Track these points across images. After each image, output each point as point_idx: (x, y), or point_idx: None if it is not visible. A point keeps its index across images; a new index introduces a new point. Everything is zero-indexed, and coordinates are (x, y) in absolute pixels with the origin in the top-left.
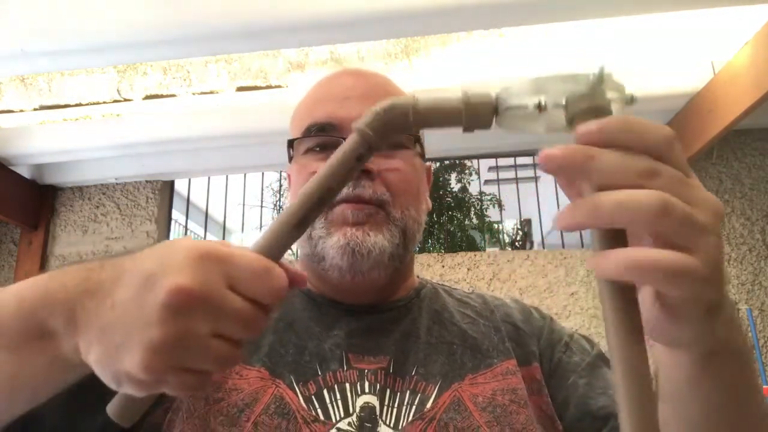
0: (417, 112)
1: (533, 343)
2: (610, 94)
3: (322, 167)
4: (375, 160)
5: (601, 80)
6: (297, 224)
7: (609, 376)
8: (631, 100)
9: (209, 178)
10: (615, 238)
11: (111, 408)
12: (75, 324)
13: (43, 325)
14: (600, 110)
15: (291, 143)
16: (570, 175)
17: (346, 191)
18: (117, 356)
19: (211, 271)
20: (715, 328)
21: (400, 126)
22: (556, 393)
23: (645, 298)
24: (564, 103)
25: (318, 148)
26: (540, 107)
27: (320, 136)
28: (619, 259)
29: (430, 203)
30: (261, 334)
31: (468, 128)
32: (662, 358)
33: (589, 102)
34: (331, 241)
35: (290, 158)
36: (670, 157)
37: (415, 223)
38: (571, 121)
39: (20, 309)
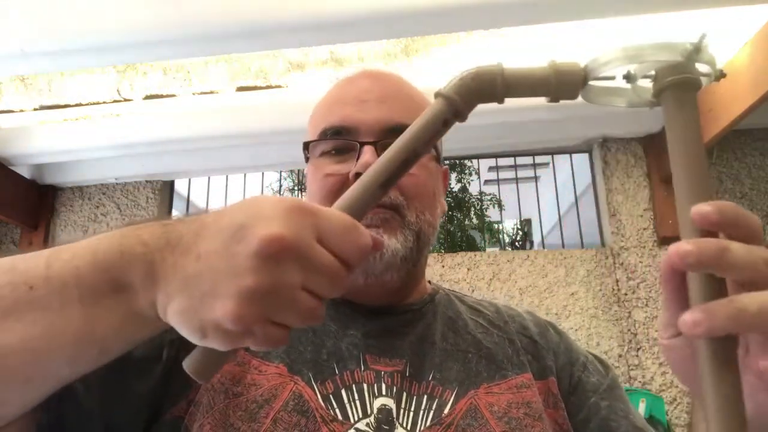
0: (504, 80)
1: (549, 357)
2: (702, 68)
3: (409, 129)
4: None
5: (698, 50)
6: (382, 184)
7: (628, 402)
8: (720, 76)
9: (209, 178)
10: (719, 289)
11: (188, 363)
12: (154, 277)
13: (119, 279)
14: (691, 84)
15: (307, 145)
16: (703, 269)
17: None
18: (204, 306)
19: (302, 224)
20: None
21: (487, 93)
22: (575, 410)
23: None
24: (654, 73)
25: (333, 151)
26: (629, 78)
27: (336, 139)
28: (729, 310)
29: (445, 206)
30: (341, 293)
31: (555, 98)
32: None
33: (680, 73)
34: None
35: (306, 159)
36: (757, 239)
37: (430, 227)
38: (659, 94)
39: (95, 262)
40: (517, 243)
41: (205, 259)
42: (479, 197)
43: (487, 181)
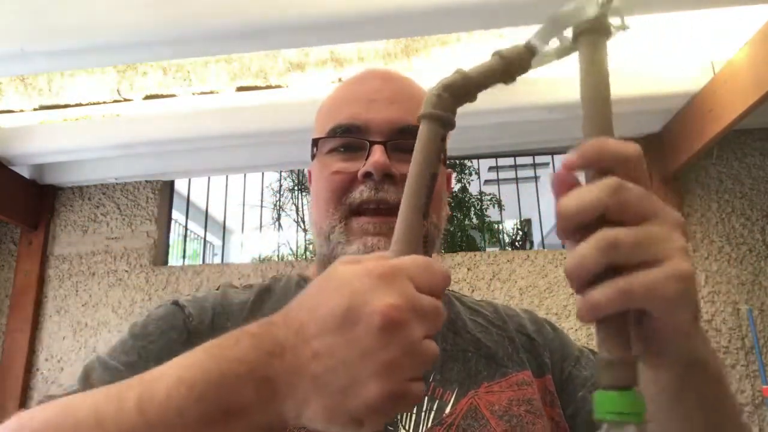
0: (471, 82)
1: (546, 354)
2: (613, 21)
3: (415, 156)
4: (397, 165)
5: (608, 2)
6: (423, 215)
7: None
8: (624, 27)
9: (209, 178)
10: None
11: None
12: (273, 390)
13: (230, 406)
14: (601, 29)
15: (315, 142)
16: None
17: (368, 194)
18: (349, 397)
19: (400, 282)
20: (693, 341)
21: (463, 97)
22: (565, 406)
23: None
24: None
25: (342, 149)
26: (561, 41)
27: (345, 137)
28: (607, 293)
29: (448, 209)
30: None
31: (513, 78)
32: (643, 378)
33: (592, 21)
34: (351, 248)
35: (313, 156)
36: (636, 171)
37: (436, 229)
38: (576, 39)
39: (197, 396)
40: (517, 243)
41: (326, 354)
42: (479, 197)
43: (487, 181)
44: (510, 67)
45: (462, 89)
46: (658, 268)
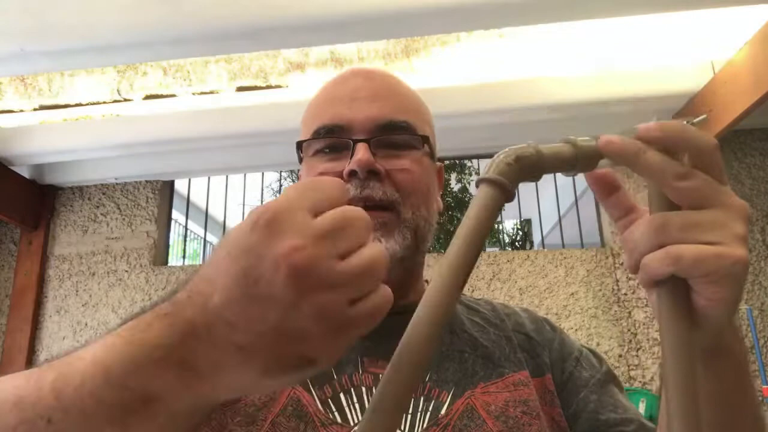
0: (541, 161)
1: (545, 353)
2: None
3: (469, 218)
4: (382, 161)
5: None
6: (463, 283)
7: (618, 395)
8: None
9: (209, 178)
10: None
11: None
12: (194, 373)
13: (146, 391)
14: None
15: (300, 145)
16: (619, 161)
17: (354, 193)
18: (287, 348)
19: (290, 219)
20: (725, 327)
21: (528, 174)
22: (566, 405)
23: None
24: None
25: (327, 150)
26: None
27: (328, 137)
28: (659, 255)
29: (441, 204)
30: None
31: (577, 172)
32: None
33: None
34: None
35: (300, 159)
36: (709, 163)
37: (427, 223)
38: None
39: (112, 383)
40: (517, 243)
41: (245, 322)
42: None
43: None
44: (579, 159)
45: (532, 166)
46: (711, 246)
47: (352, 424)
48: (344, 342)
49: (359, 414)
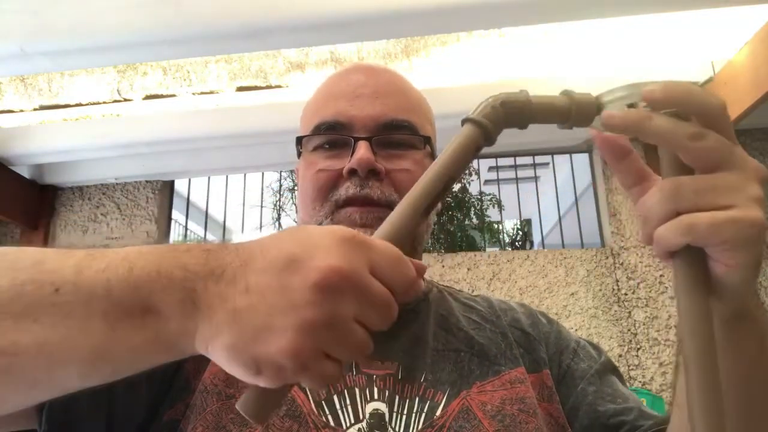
0: (531, 108)
1: (542, 348)
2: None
3: (443, 154)
4: (382, 161)
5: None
6: (424, 212)
7: (617, 385)
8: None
9: (209, 178)
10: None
11: (243, 405)
12: (195, 306)
13: (150, 301)
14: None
15: (300, 140)
16: (626, 132)
17: (353, 191)
18: (258, 341)
19: (357, 255)
20: (746, 292)
21: (515, 120)
22: (564, 399)
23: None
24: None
25: (327, 146)
26: (631, 107)
27: (329, 134)
28: (672, 225)
29: (439, 205)
30: (389, 326)
31: (569, 126)
32: None
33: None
34: None
35: (299, 154)
36: (719, 124)
37: (425, 224)
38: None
39: (128, 278)
40: (517, 243)
41: (256, 292)
42: (479, 197)
43: (487, 181)
44: (573, 110)
45: (518, 111)
46: (724, 211)
47: (344, 426)
48: (282, 378)
49: (352, 416)
